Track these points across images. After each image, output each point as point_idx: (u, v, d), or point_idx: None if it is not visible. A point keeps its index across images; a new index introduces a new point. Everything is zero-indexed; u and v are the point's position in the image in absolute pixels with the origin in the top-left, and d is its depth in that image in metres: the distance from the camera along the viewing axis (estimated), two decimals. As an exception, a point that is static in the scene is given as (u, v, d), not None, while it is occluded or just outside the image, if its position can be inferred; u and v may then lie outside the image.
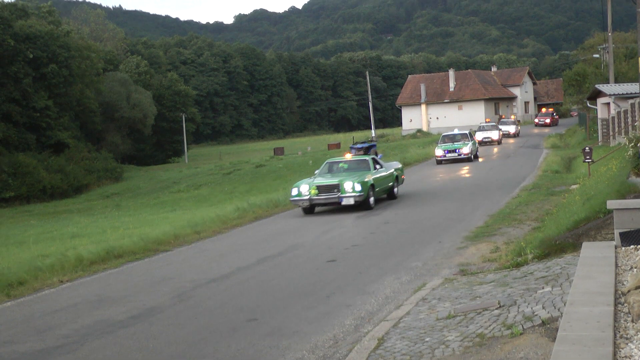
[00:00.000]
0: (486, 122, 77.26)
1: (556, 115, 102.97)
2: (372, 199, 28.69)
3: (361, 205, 28.48)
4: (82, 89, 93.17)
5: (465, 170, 44.00)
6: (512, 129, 78.84)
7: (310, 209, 29.29)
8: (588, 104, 63.76)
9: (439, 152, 50.06)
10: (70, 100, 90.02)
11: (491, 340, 9.52)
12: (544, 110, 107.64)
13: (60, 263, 20.51)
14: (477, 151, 52.48)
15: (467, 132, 53.19)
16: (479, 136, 66.21)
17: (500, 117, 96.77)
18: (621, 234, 13.05)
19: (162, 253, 22.71)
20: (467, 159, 49.31)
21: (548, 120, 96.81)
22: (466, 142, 50.21)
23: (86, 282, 18.86)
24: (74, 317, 14.54)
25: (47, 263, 20.60)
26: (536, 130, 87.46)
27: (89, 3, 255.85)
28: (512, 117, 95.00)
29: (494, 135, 68.02)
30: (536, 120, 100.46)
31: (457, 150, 49.28)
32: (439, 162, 49.86)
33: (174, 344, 11.95)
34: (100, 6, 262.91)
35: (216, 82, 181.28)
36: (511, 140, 73.11)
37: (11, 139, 79.39)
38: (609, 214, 14.66)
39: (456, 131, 54.53)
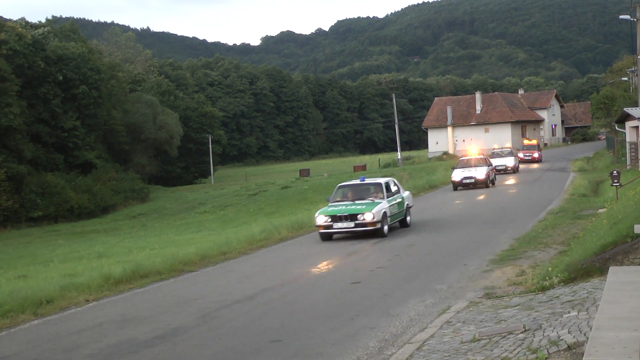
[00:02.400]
0: (467, 155, 58.61)
1: (541, 148, 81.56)
2: None
3: None
4: (109, 109, 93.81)
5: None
6: (509, 162, 62.22)
7: None
8: (616, 127, 63.42)
9: (321, 218, 27.56)
10: (98, 121, 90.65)
11: (516, 364, 9.48)
12: (526, 142, 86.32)
13: (86, 282, 20.63)
14: (406, 214, 30.72)
15: (383, 180, 30.48)
16: (457, 175, 49.16)
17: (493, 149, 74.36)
18: (648, 259, 12.96)
19: (188, 273, 22.76)
20: (375, 232, 27.43)
21: (536, 155, 76.08)
22: (377, 201, 28.15)
23: (112, 302, 18.94)
24: (100, 336, 14.61)
25: (73, 282, 20.73)
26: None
27: (118, 25, 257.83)
28: (508, 145, 78.28)
29: (480, 174, 48.48)
30: (520, 154, 74.89)
31: (355, 218, 27.08)
32: (326, 237, 27.89)
33: (198, 365, 11.99)
34: (128, 27, 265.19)
35: (243, 103, 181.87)
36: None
37: (40, 159, 79.97)
38: (637, 238, 14.57)
39: (363, 179, 31.16)
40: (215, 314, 15.93)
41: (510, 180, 53.96)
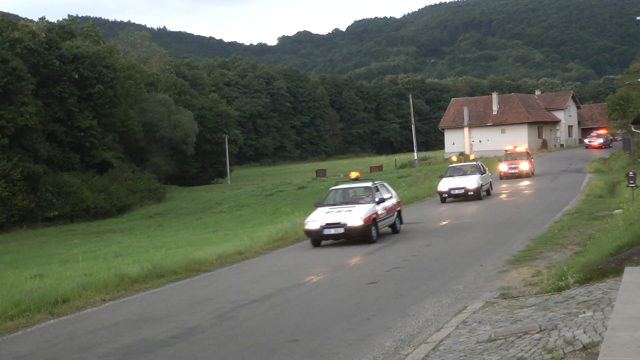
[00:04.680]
0: (345, 177, 38.21)
1: (531, 157, 61.81)
2: None
3: None
4: (125, 109, 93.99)
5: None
6: (470, 182, 42.50)
7: None
8: (633, 129, 63.06)
9: None
10: (114, 120, 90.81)
11: (531, 365, 9.47)
12: (508, 149, 62.80)
13: (102, 282, 20.72)
14: None
15: None
16: (314, 222, 27.19)
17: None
18: (665, 260, 12.93)
19: (204, 273, 22.83)
20: None
21: (525, 167, 56.77)
22: None
23: (128, 301, 19.02)
24: (116, 335, 14.67)
25: (90, 282, 20.81)
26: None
27: (134, 24, 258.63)
28: (472, 157, 53.84)
29: (353, 219, 26.67)
30: (504, 167, 57.64)
31: None
32: None
33: (214, 364, 12.03)
34: (145, 27, 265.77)
35: (259, 103, 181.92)
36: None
37: (56, 159, 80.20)
38: (653, 239, 14.54)
39: None
40: (231, 314, 15.98)
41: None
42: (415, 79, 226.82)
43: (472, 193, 42.04)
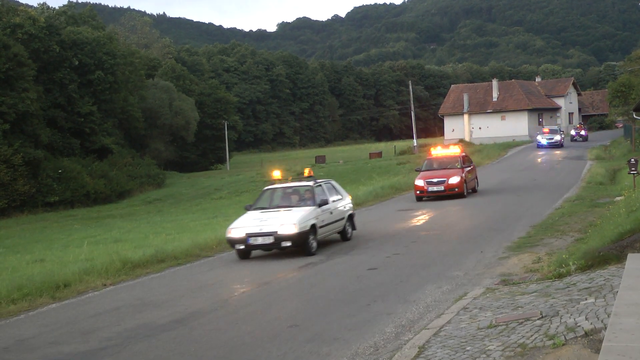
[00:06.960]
0: None
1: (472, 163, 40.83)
2: None
3: None
4: (125, 95, 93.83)
5: None
6: (286, 224, 21.22)
7: None
8: (634, 115, 62.97)
9: None
10: (114, 106, 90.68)
11: (533, 351, 9.46)
12: (432, 152, 41.47)
13: (104, 266, 20.73)
14: None
15: None
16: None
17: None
18: (666, 246, 12.92)
19: (204, 259, 22.84)
20: None
21: (455, 180, 36.02)
22: None
23: (129, 286, 19.04)
24: (117, 320, 14.69)
25: (91, 266, 20.82)
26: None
27: (134, 10, 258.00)
28: (307, 171, 26.09)
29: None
30: (419, 182, 36.92)
31: None
32: None
33: (214, 349, 12.02)
34: (144, 13, 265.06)
35: (259, 89, 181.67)
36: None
37: (56, 144, 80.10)
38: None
39: None
40: (232, 299, 16.00)
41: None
42: (412, 65, 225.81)
43: (288, 244, 21.43)
